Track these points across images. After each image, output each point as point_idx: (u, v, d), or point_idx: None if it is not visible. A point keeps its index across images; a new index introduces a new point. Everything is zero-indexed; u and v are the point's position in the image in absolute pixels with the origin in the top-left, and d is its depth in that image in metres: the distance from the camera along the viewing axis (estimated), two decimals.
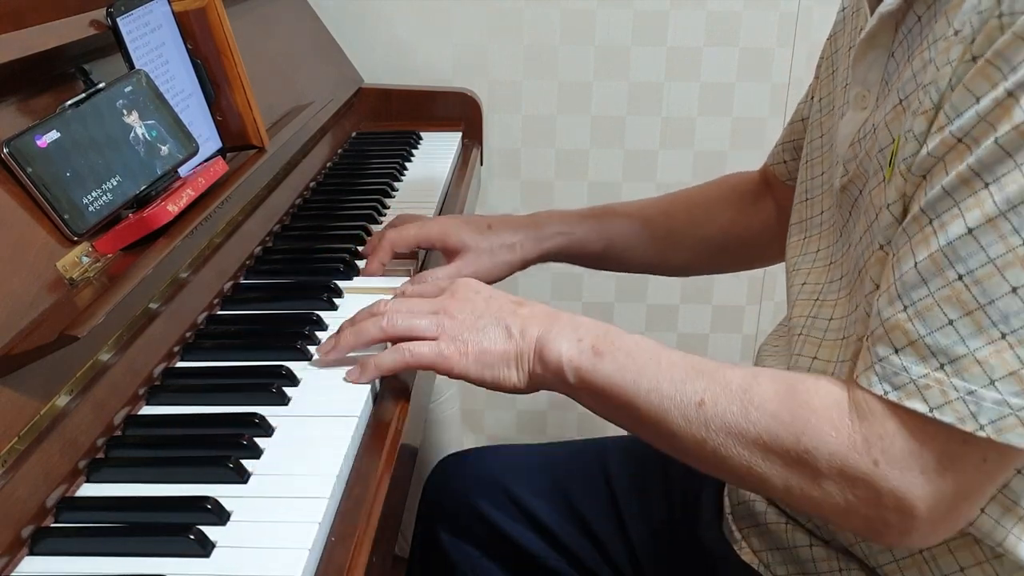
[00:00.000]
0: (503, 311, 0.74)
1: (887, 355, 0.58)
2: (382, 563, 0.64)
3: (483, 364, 0.72)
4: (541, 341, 0.71)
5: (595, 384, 0.69)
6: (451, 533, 0.99)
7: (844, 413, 0.60)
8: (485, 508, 0.97)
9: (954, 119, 0.57)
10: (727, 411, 0.63)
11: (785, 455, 0.61)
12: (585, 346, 0.70)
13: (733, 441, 0.63)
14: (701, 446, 0.65)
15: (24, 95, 0.74)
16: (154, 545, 0.58)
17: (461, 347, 0.72)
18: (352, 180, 1.29)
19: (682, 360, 0.68)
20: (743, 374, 0.65)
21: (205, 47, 0.98)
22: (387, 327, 0.74)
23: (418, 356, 0.72)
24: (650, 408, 0.66)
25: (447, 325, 0.73)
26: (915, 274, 0.57)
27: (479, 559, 0.98)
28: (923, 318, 0.57)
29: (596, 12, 1.61)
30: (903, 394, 0.57)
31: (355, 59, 1.59)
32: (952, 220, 0.56)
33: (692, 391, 0.65)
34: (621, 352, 0.69)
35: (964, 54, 0.57)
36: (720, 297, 1.81)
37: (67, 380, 0.66)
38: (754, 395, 0.63)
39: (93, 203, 0.73)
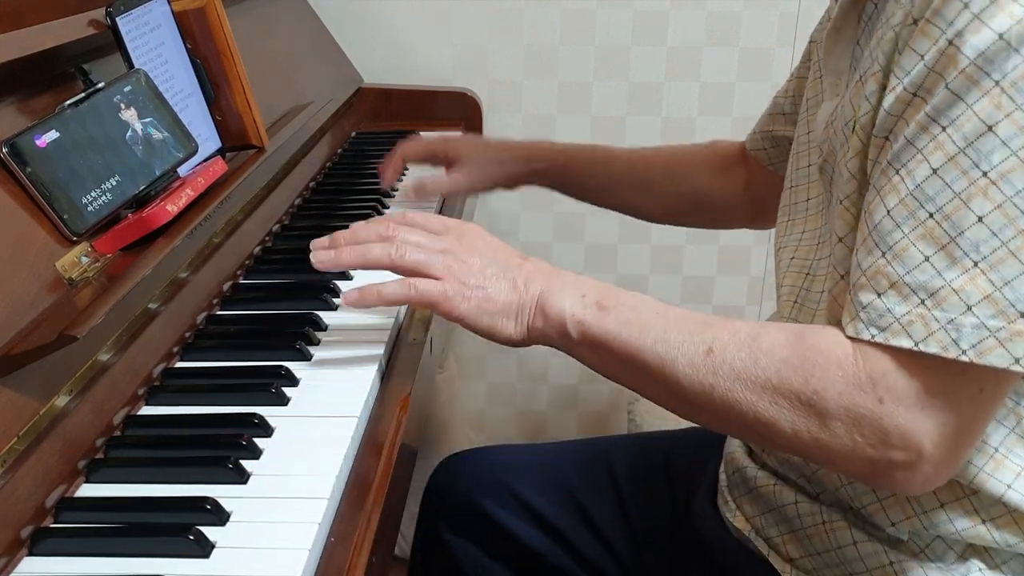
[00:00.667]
0: (510, 263, 0.75)
1: (870, 301, 0.61)
2: (382, 563, 0.64)
3: (482, 310, 0.73)
4: (544, 295, 0.72)
5: (599, 338, 0.70)
6: (454, 532, 0.99)
7: (849, 353, 0.62)
8: (489, 506, 0.98)
9: (903, 77, 0.61)
10: (735, 357, 0.65)
11: (794, 397, 0.63)
12: (589, 301, 0.71)
13: (741, 386, 0.64)
14: (709, 394, 0.66)
15: (23, 95, 0.74)
16: (153, 545, 0.58)
17: (465, 291, 0.72)
18: (352, 180, 1.29)
19: (689, 314, 0.69)
20: (751, 324, 0.67)
21: (204, 47, 0.98)
22: (396, 256, 0.74)
23: (423, 292, 0.72)
24: (656, 358, 0.67)
25: (454, 267, 0.73)
26: (889, 221, 0.61)
27: (482, 557, 0.98)
28: (900, 259, 0.60)
29: (596, 12, 1.61)
30: (889, 334, 0.60)
31: (355, 59, 1.59)
32: (917, 165, 0.59)
33: (700, 340, 0.66)
34: (626, 307, 0.70)
35: (906, 18, 0.62)
36: (720, 297, 1.81)
37: (66, 380, 0.66)
38: (762, 342, 0.65)
39: (92, 203, 0.73)
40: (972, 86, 0.57)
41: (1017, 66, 0.56)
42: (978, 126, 0.57)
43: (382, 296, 0.74)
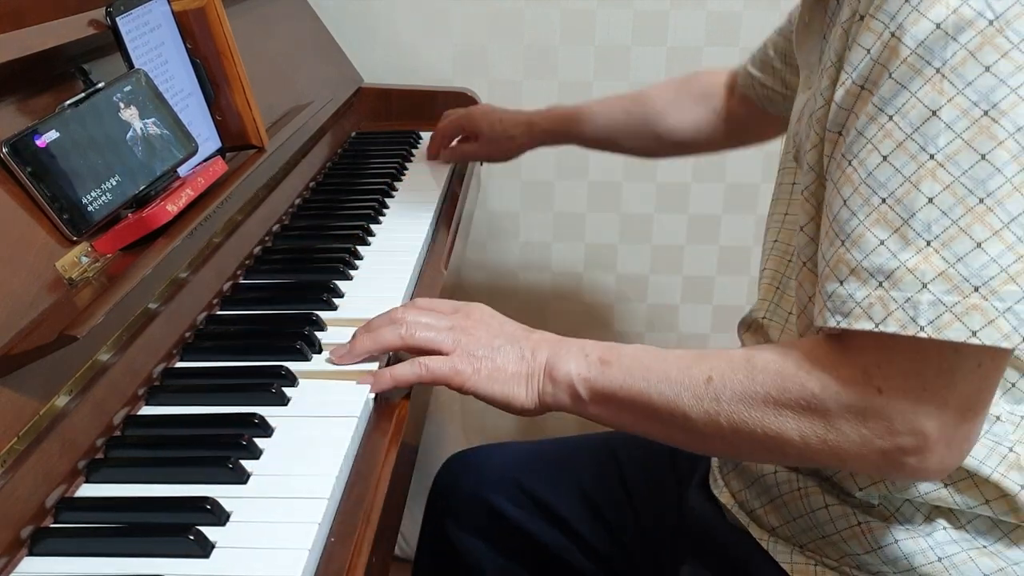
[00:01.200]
0: (516, 335, 0.78)
1: (834, 290, 0.63)
2: (382, 563, 0.64)
3: (494, 381, 0.75)
4: (551, 362, 0.75)
5: (606, 390, 0.72)
6: (461, 529, 1.00)
7: (838, 351, 0.63)
8: (497, 502, 0.99)
9: (851, 72, 0.63)
10: (734, 380, 0.67)
11: (794, 405, 0.64)
12: (592, 359, 0.74)
13: (744, 406, 0.66)
14: (716, 420, 0.67)
15: (24, 95, 0.74)
16: (153, 545, 0.58)
17: (475, 363, 0.75)
18: (352, 180, 1.29)
19: (686, 352, 0.72)
20: (744, 349, 0.70)
21: (204, 47, 0.98)
22: (406, 336, 0.77)
23: (434, 371, 0.75)
24: (662, 397, 0.69)
25: (463, 341, 0.76)
26: (845, 210, 0.63)
27: (490, 553, 0.99)
28: (858, 245, 0.62)
29: (596, 12, 1.61)
30: (852, 319, 0.61)
31: (355, 59, 1.59)
32: (868, 155, 0.62)
33: (699, 372, 0.68)
34: (627, 357, 0.73)
35: (853, 15, 0.64)
36: (720, 297, 1.81)
37: (66, 380, 0.66)
38: (756, 361, 0.67)
39: (92, 203, 0.73)
40: (915, 74, 0.60)
41: (955, 53, 0.59)
42: (923, 112, 0.59)
43: (396, 378, 0.76)
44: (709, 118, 1.22)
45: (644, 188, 1.72)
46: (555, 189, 1.73)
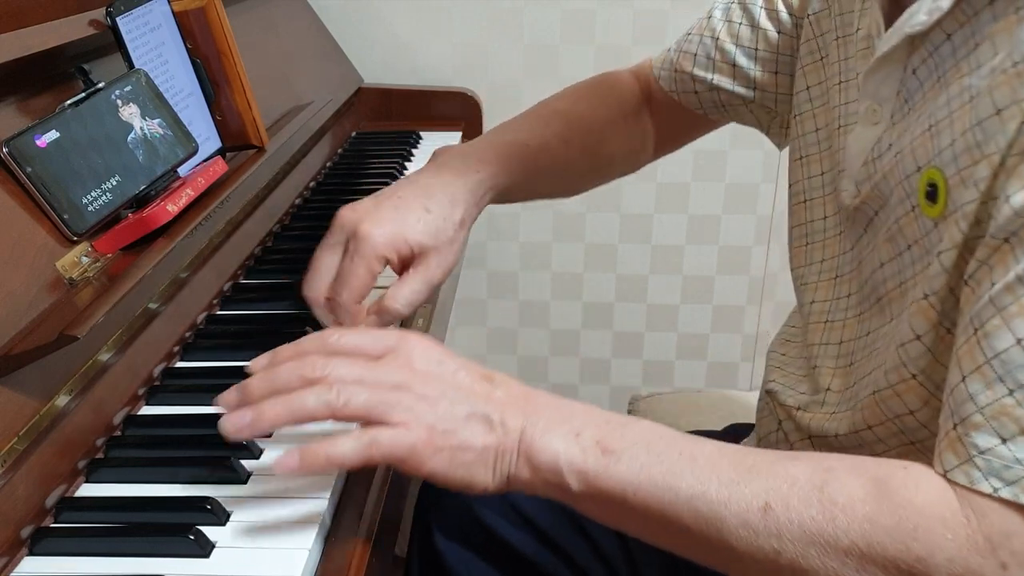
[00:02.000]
0: (475, 391, 0.60)
1: (992, 446, 0.51)
2: (382, 563, 0.64)
3: (456, 463, 0.58)
4: (528, 438, 0.58)
5: (610, 491, 0.57)
6: (447, 536, 0.99)
7: (956, 511, 0.52)
8: (482, 512, 0.97)
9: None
10: (804, 515, 0.54)
11: (890, 565, 0.53)
12: (587, 442, 0.58)
13: (818, 552, 0.53)
14: (773, 560, 0.55)
15: (24, 95, 0.74)
16: (154, 545, 0.58)
17: (436, 440, 0.58)
18: (352, 180, 1.29)
19: (720, 453, 0.57)
20: (809, 468, 0.56)
21: (205, 47, 0.98)
22: (339, 405, 0.57)
23: (385, 451, 0.57)
24: (697, 519, 0.56)
25: (416, 409, 0.58)
26: (1020, 352, 0.51)
27: (475, 563, 0.98)
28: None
29: (596, 12, 1.61)
30: (1019, 489, 0.51)
31: (355, 59, 1.59)
32: None
33: (751, 493, 0.55)
34: (639, 447, 0.58)
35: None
36: (720, 297, 1.81)
37: (67, 380, 0.66)
38: (835, 494, 0.54)
39: (93, 203, 0.73)
40: None
41: None
42: None
43: (332, 460, 0.57)
44: (644, 130, 1.00)
45: (644, 188, 1.72)
46: None
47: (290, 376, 0.59)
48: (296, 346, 0.62)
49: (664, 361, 1.87)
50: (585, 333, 1.83)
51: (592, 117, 0.98)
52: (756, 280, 1.79)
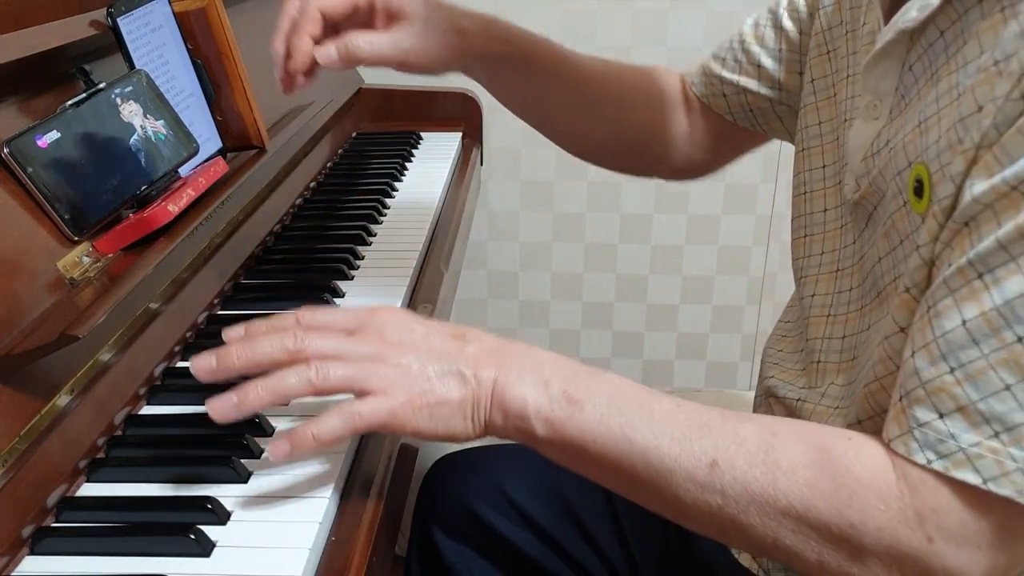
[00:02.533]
0: (447, 350, 0.63)
1: (930, 420, 0.53)
2: (382, 563, 0.64)
3: (436, 417, 0.61)
4: (500, 386, 0.61)
5: (571, 438, 0.60)
6: (447, 535, 0.99)
7: (892, 483, 0.55)
8: (481, 510, 0.97)
9: (1007, 165, 0.52)
10: (748, 475, 0.56)
11: (823, 529, 0.55)
12: (554, 391, 0.61)
13: (757, 510, 0.56)
14: (717, 513, 0.58)
15: (24, 95, 0.74)
16: (154, 545, 0.58)
17: (414, 400, 0.61)
18: (352, 180, 1.29)
19: (676, 409, 0.60)
20: (757, 429, 0.58)
21: (205, 47, 0.98)
22: (317, 381, 0.60)
23: (368, 419, 0.60)
24: (648, 468, 0.59)
25: (392, 377, 0.61)
26: (964, 333, 0.52)
27: (475, 561, 0.98)
28: (974, 382, 0.52)
29: (596, 12, 1.62)
30: (950, 463, 0.53)
31: None
32: (1008, 276, 0.51)
33: (700, 449, 0.57)
34: (600, 397, 0.60)
35: (1012, 91, 0.52)
36: (720, 297, 1.81)
37: (67, 380, 0.67)
38: (779, 457, 0.56)
39: (93, 203, 0.73)
40: None
41: None
42: None
43: (320, 438, 0.60)
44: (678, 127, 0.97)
45: (644, 188, 1.72)
46: (555, 189, 1.73)
47: (271, 347, 0.61)
48: (271, 321, 0.65)
49: (664, 361, 1.87)
50: (585, 333, 1.83)
51: (635, 80, 0.97)
52: (756, 280, 1.79)
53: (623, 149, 0.99)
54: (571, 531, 0.96)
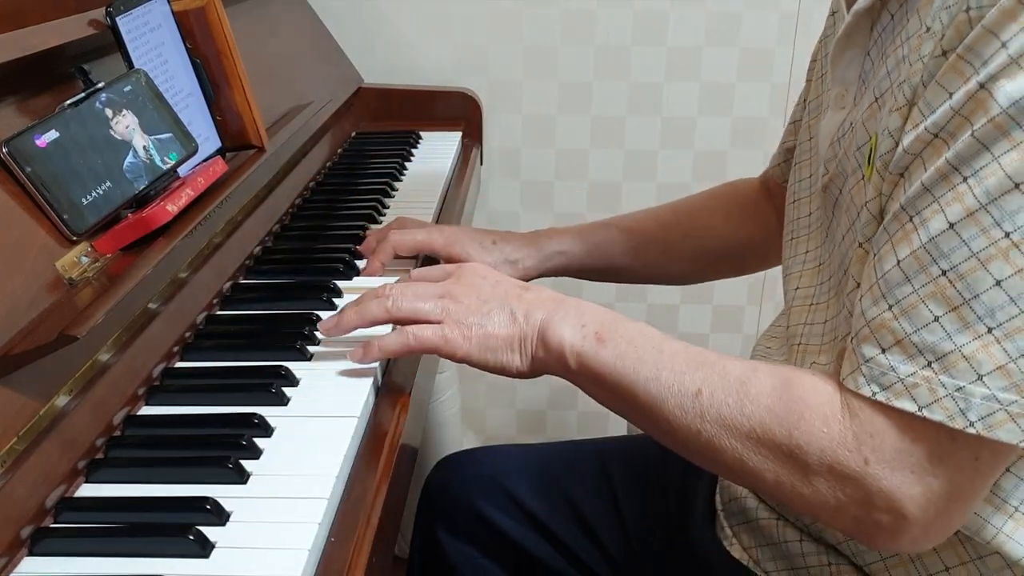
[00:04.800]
0: (509, 295, 0.74)
1: (874, 355, 0.58)
2: (382, 563, 0.64)
3: (486, 347, 0.72)
4: (544, 325, 0.71)
5: (595, 370, 0.69)
6: (450, 533, 0.99)
7: (836, 410, 0.60)
8: (484, 508, 0.97)
9: (928, 115, 0.56)
10: (723, 403, 0.63)
11: (777, 449, 0.61)
12: (588, 332, 0.70)
13: (726, 433, 0.63)
14: (696, 437, 0.64)
15: (23, 95, 0.74)
16: (154, 545, 0.58)
17: (465, 331, 0.72)
18: (352, 180, 1.29)
19: (684, 350, 0.67)
20: (743, 366, 0.65)
21: (205, 47, 0.97)
22: (392, 308, 0.74)
23: (421, 339, 0.72)
24: (648, 396, 0.66)
25: (451, 309, 0.73)
26: (898, 272, 0.57)
27: (478, 559, 0.98)
28: (908, 316, 0.56)
29: (596, 12, 1.61)
30: (891, 394, 0.57)
31: (355, 59, 1.59)
32: (933, 216, 0.55)
33: (690, 381, 0.65)
34: (623, 339, 0.69)
35: (935, 49, 0.57)
36: (720, 297, 1.81)
37: (66, 380, 0.66)
38: (750, 387, 0.63)
39: (92, 203, 0.73)
40: (1001, 137, 0.52)
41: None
42: (1004, 182, 0.52)
43: (384, 350, 0.74)
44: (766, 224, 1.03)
45: (644, 188, 1.72)
46: (555, 189, 1.73)
47: (369, 294, 0.77)
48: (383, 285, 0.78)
49: None
50: None
51: (701, 205, 1.07)
52: (756, 280, 1.79)
53: (716, 265, 1.07)
54: (574, 529, 0.96)
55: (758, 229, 1.03)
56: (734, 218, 1.05)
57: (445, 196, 1.28)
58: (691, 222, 1.05)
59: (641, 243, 1.03)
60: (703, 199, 1.08)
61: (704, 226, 1.05)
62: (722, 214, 1.05)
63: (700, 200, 1.08)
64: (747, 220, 1.04)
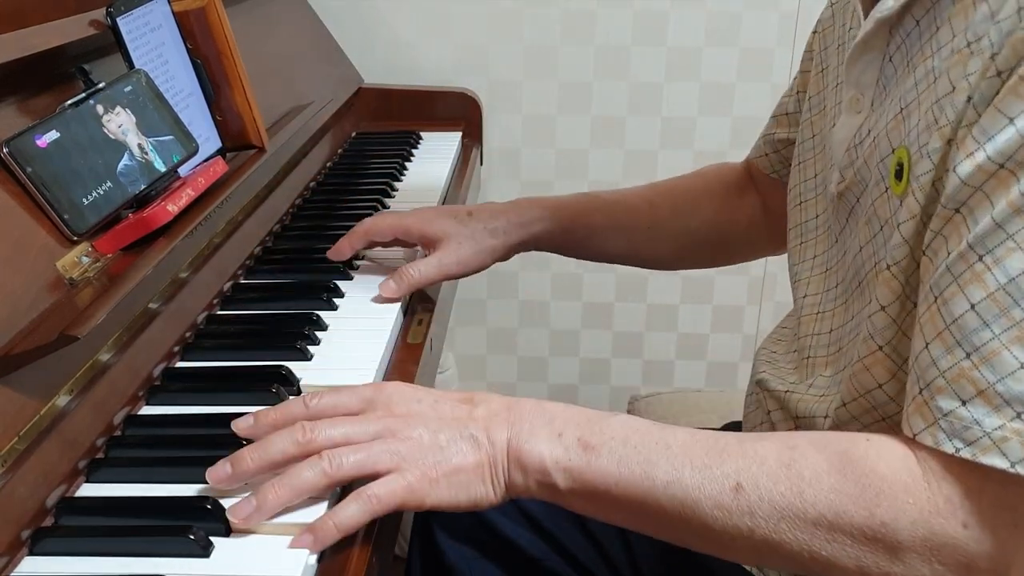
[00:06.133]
0: (457, 417, 0.63)
1: (953, 408, 0.53)
2: (382, 563, 0.64)
3: (455, 485, 0.61)
4: (515, 444, 0.62)
5: (593, 484, 0.61)
6: (448, 534, 0.99)
7: (918, 476, 0.55)
8: (485, 511, 0.97)
9: (986, 143, 0.53)
10: (773, 492, 0.56)
11: (856, 532, 0.55)
12: (570, 441, 0.61)
13: (788, 525, 0.56)
14: (748, 537, 0.57)
15: (24, 95, 0.74)
16: (154, 545, 0.58)
17: (429, 473, 0.60)
18: (352, 180, 1.29)
19: (693, 439, 0.60)
20: (776, 446, 0.59)
21: (205, 47, 0.98)
22: (333, 472, 0.60)
23: (387, 501, 0.60)
24: (674, 503, 0.59)
25: (404, 452, 0.61)
26: (974, 317, 0.53)
27: (477, 560, 0.98)
28: (990, 364, 0.52)
29: (596, 12, 1.62)
30: (978, 450, 0.52)
31: (355, 59, 1.59)
32: (1008, 255, 0.51)
33: (722, 476, 0.58)
34: (616, 440, 0.61)
35: (986, 69, 0.53)
36: (720, 297, 1.81)
37: (67, 380, 0.66)
38: (802, 469, 0.57)
39: (93, 203, 0.73)
40: None
41: None
42: None
43: (341, 526, 0.59)
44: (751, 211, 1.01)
45: None
46: (555, 189, 1.73)
47: (283, 444, 0.62)
48: (278, 410, 0.65)
49: (664, 361, 1.87)
50: (585, 333, 1.83)
51: (686, 186, 1.03)
52: (756, 280, 1.79)
53: (698, 248, 1.03)
54: (574, 531, 0.96)
55: (742, 213, 1.01)
56: (719, 200, 1.01)
57: (445, 196, 1.28)
58: (677, 202, 1.02)
59: (626, 218, 0.99)
60: (689, 180, 1.05)
61: (690, 205, 1.01)
62: (707, 195, 1.02)
63: (686, 180, 1.05)
64: (731, 203, 1.01)
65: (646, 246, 1.01)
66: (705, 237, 1.02)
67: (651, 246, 1.02)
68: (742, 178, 1.03)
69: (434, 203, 1.22)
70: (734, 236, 1.02)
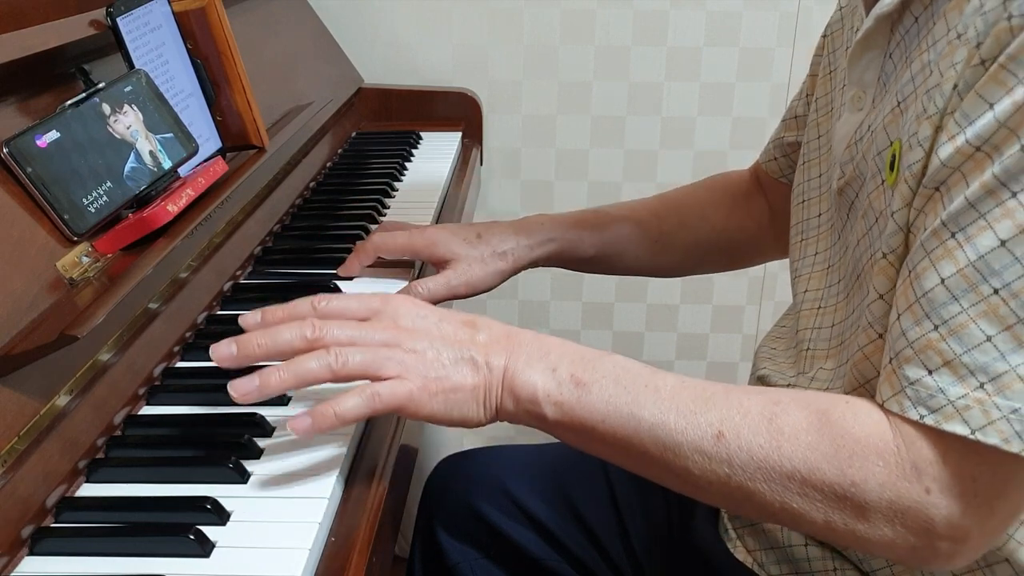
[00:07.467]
0: (459, 339, 0.65)
1: (919, 377, 0.55)
2: (382, 563, 0.64)
3: (451, 403, 0.64)
4: (510, 372, 0.64)
5: (581, 419, 0.63)
6: (450, 534, 0.99)
7: (889, 441, 0.56)
8: (485, 509, 0.97)
9: (966, 127, 0.54)
10: (753, 443, 0.58)
11: (827, 489, 0.57)
12: (563, 376, 0.63)
13: (763, 476, 0.58)
14: (724, 483, 0.59)
15: (24, 95, 0.74)
16: (154, 545, 0.58)
17: (429, 386, 0.63)
18: (352, 180, 1.29)
19: (682, 385, 0.62)
20: (761, 399, 0.60)
21: (205, 47, 0.98)
22: (338, 368, 0.62)
23: (387, 400, 0.62)
24: (657, 444, 0.61)
25: (408, 361, 0.63)
26: (943, 291, 0.54)
27: (479, 560, 0.98)
28: (958, 336, 0.54)
29: (596, 12, 1.62)
30: (941, 417, 0.54)
31: (355, 59, 1.59)
32: (979, 233, 0.53)
33: (706, 423, 0.59)
34: (608, 379, 0.62)
35: (971, 58, 0.55)
36: (720, 297, 1.81)
37: (67, 380, 0.66)
38: (782, 424, 0.58)
39: (93, 203, 0.73)
40: None
41: None
42: None
43: (341, 416, 0.62)
44: (759, 216, 1.02)
45: (644, 188, 1.72)
46: (555, 189, 1.73)
47: (290, 335, 0.63)
48: (287, 308, 0.67)
49: (664, 361, 1.87)
50: (585, 333, 1.83)
51: (694, 197, 1.04)
52: (756, 280, 1.79)
53: (707, 257, 1.04)
54: (574, 530, 0.96)
55: (750, 219, 1.02)
56: (726, 208, 1.03)
57: (445, 196, 1.28)
58: (684, 213, 1.03)
59: (634, 233, 1.00)
60: (695, 189, 1.06)
61: (698, 216, 1.02)
62: (714, 204, 1.03)
63: (692, 190, 1.06)
64: (739, 210, 1.03)
65: (655, 259, 1.02)
66: (714, 246, 1.03)
67: (660, 259, 1.03)
68: (749, 185, 1.04)
69: (433, 204, 1.22)
70: (743, 243, 1.03)
